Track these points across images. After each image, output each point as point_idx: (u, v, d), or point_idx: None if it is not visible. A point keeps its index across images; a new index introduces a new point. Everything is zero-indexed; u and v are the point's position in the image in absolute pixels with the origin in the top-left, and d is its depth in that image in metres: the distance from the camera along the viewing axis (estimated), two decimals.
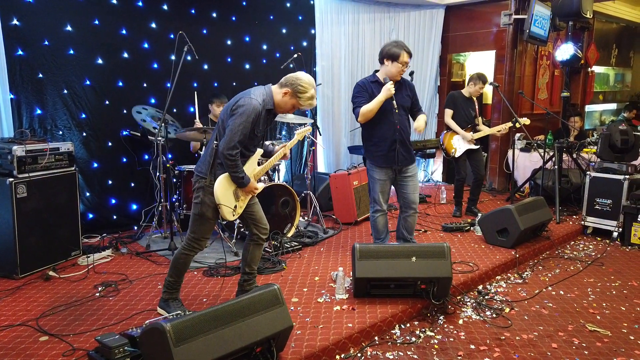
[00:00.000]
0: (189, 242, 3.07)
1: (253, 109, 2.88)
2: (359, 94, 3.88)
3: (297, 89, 2.96)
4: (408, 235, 4.12)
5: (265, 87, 3.04)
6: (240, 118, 2.86)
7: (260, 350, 2.53)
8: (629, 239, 4.95)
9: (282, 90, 2.99)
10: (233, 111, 2.91)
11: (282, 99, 3.00)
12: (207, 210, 2.99)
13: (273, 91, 3.03)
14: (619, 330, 3.22)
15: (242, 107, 2.88)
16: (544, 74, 7.46)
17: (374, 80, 3.92)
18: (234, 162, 2.91)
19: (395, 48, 3.77)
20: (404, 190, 4.02)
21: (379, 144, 3.91)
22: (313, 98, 3.02)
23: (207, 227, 3.06)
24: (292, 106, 3.04)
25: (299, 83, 2.96)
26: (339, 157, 7.02)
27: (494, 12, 6.94)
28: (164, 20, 5.09)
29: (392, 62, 3.79)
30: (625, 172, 5.03)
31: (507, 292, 3.82)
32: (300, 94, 2.97)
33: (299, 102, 2.99)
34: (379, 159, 3.93)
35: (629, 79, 10.05)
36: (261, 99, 2.95)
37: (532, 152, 6.42)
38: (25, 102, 4.34)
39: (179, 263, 3.12)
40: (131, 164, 5.02)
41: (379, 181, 3.97)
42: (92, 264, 4.03)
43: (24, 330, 2.99)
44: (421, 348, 2.98)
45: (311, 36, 6.50)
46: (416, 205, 4.06)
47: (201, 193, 2.98)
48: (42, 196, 3.88)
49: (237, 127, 2.86)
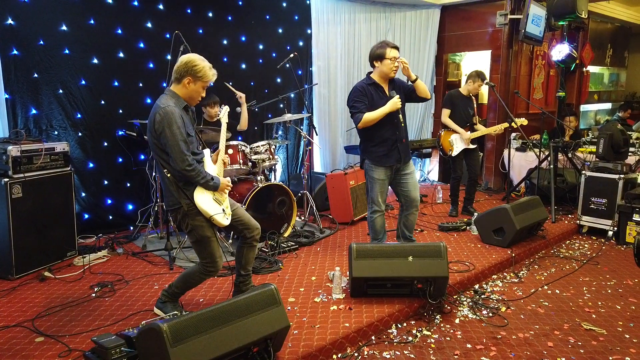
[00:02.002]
0: (206, 267, 3.00)
1: (172, 113, 2.77)
2: (358, 99, 3.86)
3: (194, 70, 2.84)
4: (408, 233, 4.14)
5: (165, 92, 2.93)
6: (169, 130, 2.75)
7: (257, 350, 2.53)
8: (624, 238, 4.97)
9: (183, 83, 2.87)
10: (158, 130, 2.77)
11: (188, 89, 2.89)
12: (203, 231, 2.93)
13: (175, 90, 2.91)
14: (614, 329, 3.24)
15: (164, 120, 2.75)
16: (540, 73, 7.49)
17: (370, 82, 3.92)
18: (195, 171, 2.82)
19: (379, 49, 3.83)
20: (405, 188, 4.04)
21: (381, 144, 3.92)
22: (212, 68, 2.92)
23: (213, 247, 2.99)
24: (202, 88, 2.93)
25: (191, 65, 2.84)
26: (335, 157, 7.03)
27: (489, 12, 6.96)
28: (160, 19, 5.08)
29: (381, 62, 3.83)
30: (620, 172, 5.05)
31: (503, 291, 3.83)
32: (199, 73, 2.85)
33: (203, 80, 2.88)
34: (380, 158, 3.93)
35: (623, 78, 10.10)
36: (171, 102, 2.84)
37: (528, 151, 6.44)
38: (21, 102, 4.32)
39: (191, 282, 3.09)
40: (127, 164, 5.00)
41: (378, 181, 3.97)
42: (88, 265, 4.02)
43: (19, 331, 2.98)
44: (418, 347, 2.99)
45: (307, 36, 6.50)
46: (418, 202, 4.08)
47: (188, 220, 2.91)
48: (38, 196, 3.86)
49: (174, 139, 2.75)
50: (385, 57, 3.80)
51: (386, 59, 3.80)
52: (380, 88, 3.91)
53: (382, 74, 3.87)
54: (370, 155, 3.98)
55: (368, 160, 4.01)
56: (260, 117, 5.92)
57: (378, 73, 3.90)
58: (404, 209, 4.12)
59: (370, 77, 3.96)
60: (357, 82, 4.02)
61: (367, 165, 4.01)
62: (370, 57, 3.91)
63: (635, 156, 5.68)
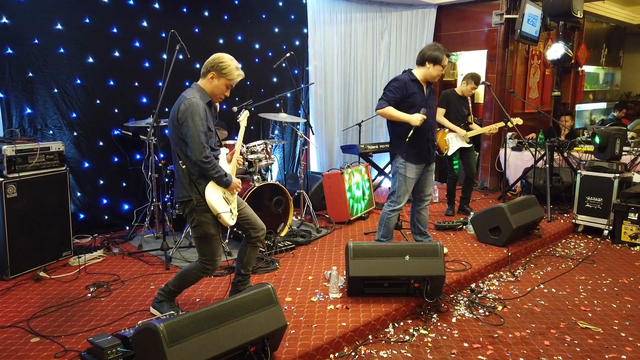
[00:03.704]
0: (204, 265, 3.02)
1: (197, 105, 2.83)
2: (395, 91, 3.88)
3: (219, 67, 2.91)
4: (423, 229, 4.26)
5: (192, 86, 2.99)
6: (191, 120, 2.80)
7: (255, 349, 2.53)
8: (619, 237, 4.99)
9: (207, 78, 2.94)
10: (180, 120, 2.82)
11: (212, 84, 2.95)
12: (209, 228, 2.95)
13: (201, 85, 2.98)
14: (610, 327, 3.25)
15: (188, 110, 2.80)
16: (535, 73, 7.51)
17: (413, 79, 3.96)
18: (211, 164, 2.86)
19: (437, 52, 3.88)
20: (423, 184, 4.16)
21: (416, 143, 3.95)
22: (238, 68, 2.97)
23: (215, 245, 3.01)
24: (225, 86, 2.97)
25: (218, 62, 2.91)
26: (331, 157, 7.03)
27: (485, 12, 6.97)
28: (156, 18, 5.06)
29: (434, 65, 3.89)
30: (615, 171, 5.08)
31: (500, 290, 3.84)
32: (224, 70, 2.91)
33: (227, 77, 2.93)
34: (415, 156, 3.99)
35: (618, 78, 10.15)
36: (197, 95, 2.90)
37: (524, 151, 6.46)
38: (15, 101, 4.29)
39: (188, 280, 3.10)
40: (123, 163, 4.98)
41: (409, 179, 4.02)
42: (83, 265, 4.00)
43: (14, 331, 2.96)
44: (415, 346, 2.99)
45: (303, 35, 6.49)
46: (430, 197, 4.24)
47: (195, 215, 2.93)
48: (33, 196, 3.84)
49: (195, 129, 2.79)
50: (439, 63, 3.87)
51: (440, 65, 3.87)
52: (421, 87, 3.97)
53: (428, 76, 3.94)
54: (404, 153, 3.99)
55: (401, 158, 4.01)
56: (257, 116, 5.90)
57: (423, 74, 3.95)
58: (416, 204, 4.23)
59: (412, 74, 3.98)
60: (399, 75, 4.04)
61: (400, 162, 4.02)
62: (423, 57, 3.92)
63: (631, 155, 5.70)
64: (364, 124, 6.65)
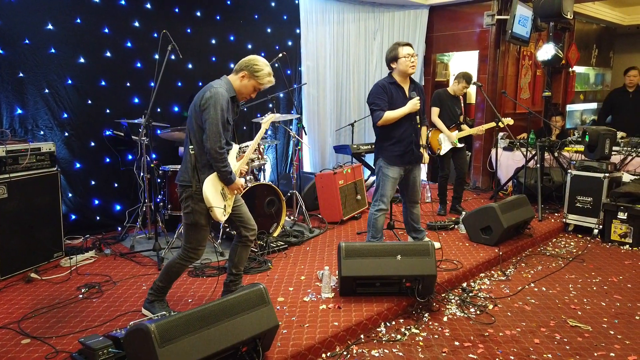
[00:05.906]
0: (186, 252, 3.03)
1: (221, 96, 2.88)
2: (380, 96, 3.96)
3: (253, 68, 2.98)
4: (416, 225, 4.33)
5: (222, 78, 3.05)
6: (213, 109, 2.84)
7: (246, 349, 2.53)
8: (609, 236, 5.04)
9: (239, 75, 3.01)
10: (203, 106, 2.87)
11: (241, 83, 3.01)
12: (200, 218, 2.97)
13: (230, 79, 3.04)
14: (599, 325, 3.29)
15: (212, 98, 2.86)
16: (526, 74, 7.56)
17: (392, 81, 4.02)
18: (222, 157, 2.90)
19: (392, 51, 3.99)
20: (410, 185, 4.21)
21: (397, 144, 4.01)
22: (271, 75, 3.05)
23: (202, 235, 3.03)
24: (253, 88, 3.04)
25: (253, 63, 2.99)
26: (324, 157, 7.03)
27: (477, 13, 7.01)
28: (148, 19, 5.05)
29: (397, 62, 3.95)
30: (605, 170, 5.12)
31: (491, 289, 3.87)
32: (256, 72, 2.98)
33: (258, 81, 3.00)
34: (395, 158, 4.03)
35: (609, 79, 10.22)
36: (224, 87, 2.95)
37: (515, 151, 6.50)
38: (6, 102, 4.26)
39: (172, 272, 3.10)
40: (114, 164, 4.96)
41: (391, 179, 4.07)
42: (75, 266, 3.98)
43: (5, 333, 2.94)
44: (406, 345, 3.01)
45: (296, 36, 6.50)
46: (419, 198, 4.32)
47: (190, 202, 2.96)
48: (24, 197, 3.82)
49: (215, 117, 2.85)
50: (399, 57, 3.93)
51: (400, 57, 3.92)
52: (401, 89, 4.02)
53: (402, 73, 3.99)
54: (385, 154, 4.06)
55: (383, 159, 4.08)
56: (249, 116, 5.90)
57: (398, 73, 4.01)
58: (407, 205, 4.31)
59: (391, 77, 4.05)
60: (378, 80, 4.13)
61: (382, 163, 4.09)
62: (386, 62, 4.04)
63: (620, 155, 5.76)
64: (356, 124, 6.67)
